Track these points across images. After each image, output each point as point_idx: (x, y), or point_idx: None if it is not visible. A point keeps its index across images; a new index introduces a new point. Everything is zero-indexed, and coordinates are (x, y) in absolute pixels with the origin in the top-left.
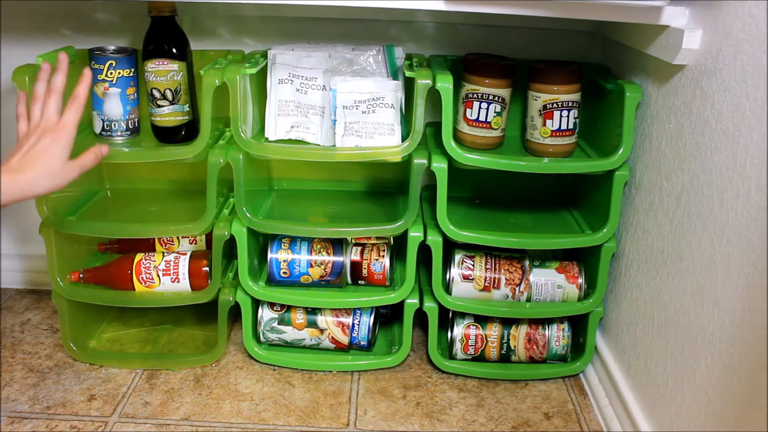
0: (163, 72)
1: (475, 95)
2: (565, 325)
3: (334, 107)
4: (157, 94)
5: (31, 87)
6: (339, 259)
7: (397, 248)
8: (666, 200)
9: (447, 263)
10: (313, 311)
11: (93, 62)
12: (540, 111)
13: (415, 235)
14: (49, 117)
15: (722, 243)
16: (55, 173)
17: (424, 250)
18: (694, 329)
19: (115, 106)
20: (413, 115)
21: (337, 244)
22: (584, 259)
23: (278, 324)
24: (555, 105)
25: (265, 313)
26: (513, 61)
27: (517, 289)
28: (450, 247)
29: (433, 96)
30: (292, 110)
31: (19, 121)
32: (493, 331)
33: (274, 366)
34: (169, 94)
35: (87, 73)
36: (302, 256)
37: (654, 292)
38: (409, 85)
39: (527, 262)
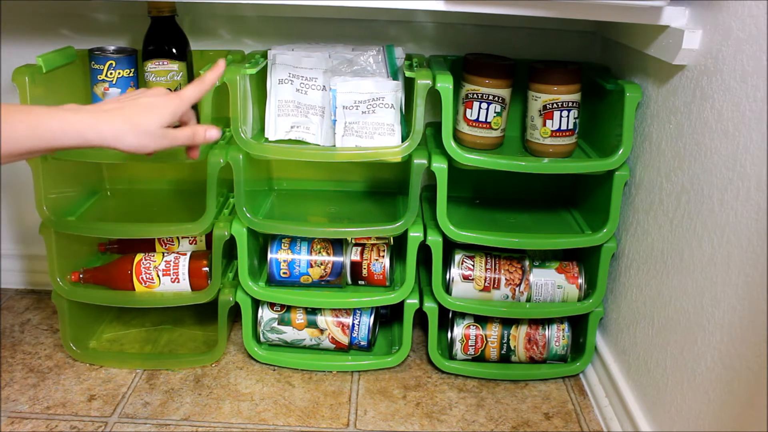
0: (163, 72)
1: (475, 95)
2: (565, 326)
3: (334, 107)
4: None
5: (31, 87)
6: (339, 259)
7: (397, 248)
8: (666, 200)
9: (447, 263)
10: (313, 311)
11: (93, 62)
12: (540, 111)
13: (415, 235)
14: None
15: (722, 243)
16: (146, 132)
17: (424, 250)
18: (694, 329)
19: None
20: (413, 115)
21: (337, 245)
22: (584, 259)
23: (278, 324)
24: (555, 105)
25: (265, 314)
26: (513, 61)
27: (517, 289)
28: (450, 247)
29: (433, 96)
30: (292, 110)
31: None
32: (493, 331)
33: (274, 366)
34: None
35: (221, 63)
36: (302, 257)
37: (654, 292)
38: (409, 85)
39: (527, 263)
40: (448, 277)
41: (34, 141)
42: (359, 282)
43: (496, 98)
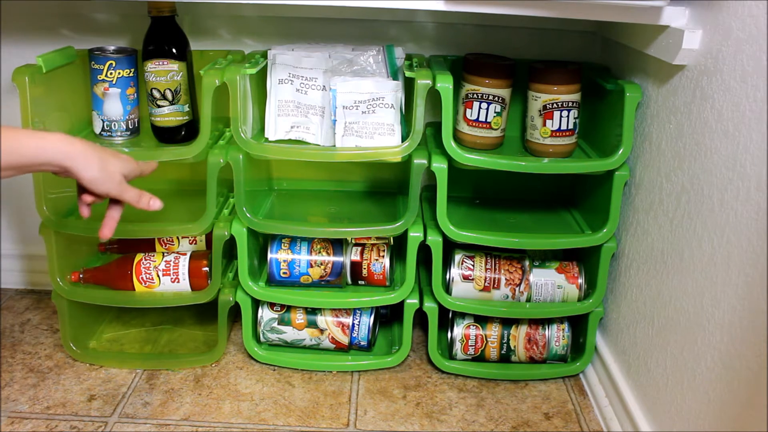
0: (163, 72)
1: (475, 95)
2: (565, 325)
3: (334, 107)
4: (157, 94)
5: (31, 87)
6: (339, 259)
7: (397, 248)
8: (666, 200)
9: (447, 263)
10: (313, 311)
11: (93, 62)
12: (540, 111)
13: (415, 235)
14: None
15: (722, 243)
16: (109, 171)
17: (424, 250)
18: (694, 329)
19: (115, 107)
20: (413, 115)
21: (337, 245)
22: (584, 259)
23: (278, 324)
24: (555, 105)
25: (265, 313)
26: (513, 61)
27: (517, 289)
28: (450, 247)
29: (433, 96)
30: (292, 110)
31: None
32: (493, 331)
33: (274, 366)
34: (169, 94)
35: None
36: (302, 257)
37: (654, 292)
38: (409, 85)
39: (527, 263)
40: (448, 277)
41: (14, 157)
42: (359, 282)
43: (496, 98)
